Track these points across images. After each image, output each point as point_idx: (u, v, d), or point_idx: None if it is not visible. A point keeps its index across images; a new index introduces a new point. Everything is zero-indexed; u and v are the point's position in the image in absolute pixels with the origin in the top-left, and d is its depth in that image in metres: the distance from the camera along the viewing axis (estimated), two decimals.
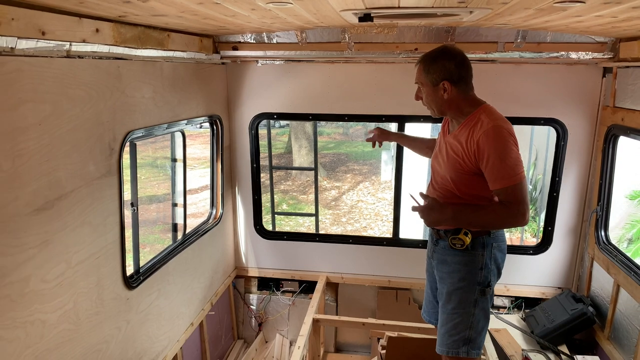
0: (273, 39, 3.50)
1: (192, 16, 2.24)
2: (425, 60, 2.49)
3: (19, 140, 1.77)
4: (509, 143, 2.34)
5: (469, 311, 2.59)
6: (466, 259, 2.58)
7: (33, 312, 1.91)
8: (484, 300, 2.60)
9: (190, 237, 3.50)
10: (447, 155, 2.56)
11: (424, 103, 2.58)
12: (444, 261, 2.67)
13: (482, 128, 2.36)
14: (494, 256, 2.59)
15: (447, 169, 2.56)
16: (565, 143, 3.67)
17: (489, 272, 2.59)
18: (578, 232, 3.83)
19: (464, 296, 2.58)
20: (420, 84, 2.53)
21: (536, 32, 3.22)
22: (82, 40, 2.02)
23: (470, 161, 2.42)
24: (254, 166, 4.16)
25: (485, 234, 2.56)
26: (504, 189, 2.34)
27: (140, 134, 2.69)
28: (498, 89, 3.65)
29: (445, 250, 2.64)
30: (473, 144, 2.38)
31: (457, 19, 2.46)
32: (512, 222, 2.44)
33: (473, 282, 2.57)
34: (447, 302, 2.64)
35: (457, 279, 2.60)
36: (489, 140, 2.33)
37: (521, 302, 4.02)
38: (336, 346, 4.36)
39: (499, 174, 2.33)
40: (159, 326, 3.01)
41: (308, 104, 3.93)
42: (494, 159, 2.32)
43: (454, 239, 2.54)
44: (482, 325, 2.62)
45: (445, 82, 2.42)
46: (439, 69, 2.43)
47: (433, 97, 2.50)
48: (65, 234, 2.07)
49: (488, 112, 2.44)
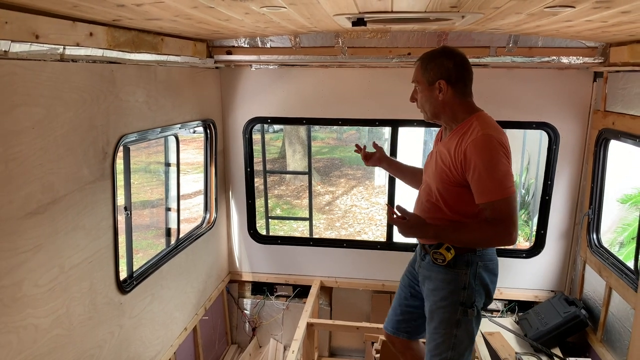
0: (267, 44, 3.51)
1: (186, 20, 2.25)
2: (424, 58, 2.40)
3: (12, 144, 1.77)
4: (498, 154, 2.20)
5: (451, 331, 2.46)
6: (449, 277, 2.44)
7: (26, 317, 1.89)
8: (467, 321, 2.44)
9: (184, 241, 3.49)
10: (436, 165, 2.45)
11: (418, 105, 2.48)
12: (428, 277, 2.55)
13: (471, 136, 2.24)
14: (479, 275, 2.42)
15: (434, 180, 2.44)
16: (557, 147, 3.70)
17: (472, 292, 2.43)
18: (570, 235, 3.86)
19: (446, 316, 2.46)
20: (417, 83, 2.43)
21: (528, 37, 3.25)
22: (76, 44, 2.02)
23: (457, 171, 2.29)
24: (247, 170, 4.16)
25: (470, 251, 2.41)
26: (491, 204, 2.21)
27: (133, 138, 2.68)
28: (490, 93, 3.67)
29: (430, 265, 2.52)
30: (460, 152, 2.25)
31: (450, 23, 2.48)
32: (498, 242, 2.31)
33: (455, 301, 2.43)
34: (430, 320, 2.54)
35: (439, 297, 2.48)
36: (477, 150, 2.20)
37: (514, 305, 4.04)
38: (330, 350, 4.36)
39: (485, 187, 2.21)
40: (153, 331, 3.00)
41: (302, 108, 3.94)
42: (481, 170, 2.19)
43: (435, 253, 2.42)
44: (465, 346, 2.48)
45: (441, 81, 2.31)
46: (437, 67, 2.33)
47: (428, 97, 2.38)
48: (58, 238, 2.07)
49: (481, 120, 2.32)
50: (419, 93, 2.44)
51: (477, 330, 2.51)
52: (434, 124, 2.76)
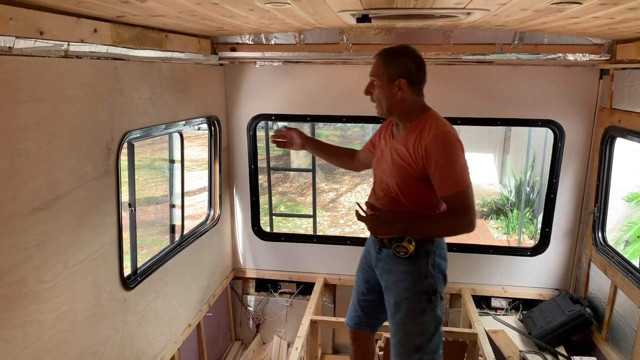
0: (271, 40, 3.50)
1: (191, 17, 2.24)
2: (386, 54, 2.45)
3: (17, 140, 1.77)
4: (456, 149, 2.35)
5: (418, 320, 2.55)
6: (411, 268, 2.54)
7: (30, 313, 1.90)
8: (432, 307, 2.56)
9: (188, 238, 3.50)
10: (392, 161, 2.52)
11: (374, 99, 2.52)
12: (388, 270, 2.63)
13: (430, 134, 2.35)
14: (437, 264, 2.56)
15: (392, 175, 2.52)
16: (562, 145, 3.68)
17: (434, 280, 2.56)
18: (575, 233, 3.84)
19: (412, 306, 2.55)
20: (376, 78, 2.47)
21: (533, 34, 3.23)
22: (80, 40, 2.02)
23: (418, 167, 2.40)
24: (251, 167, 4.16)
25: (429, 241, 2.53)
26: (452, 196, 2.34)
27: (138, 134, 2.69)
28: (495, 90, 3.66)
29: (390, 258, 2.60)
30: (421, 149, 2.36)
31: (455, 20, 2.46)
32: (461, 230, 2.40)
33: (419, 291, 2.54)
34: (396, 312, 2.61)
35: (403, 289, 2.56)
36: (437, 146, 2.32)
37: (519, 303, 4.02)
38: (334, 347, 4.36)
39: (447, 180, 2.33)
40: (157, 327, 3.01)
41: (306, 105, 3.93)
42: (443, 164, 2.32)
43: (398, 246, 2.50)
44: (434, 329, 2.58)
45: (402, 79, 2.40)
46: (399, 66, 2.41)
47: (386, 93, 2.44)
48: (62, 235, 2.07)
49: (435, 118, 2.46)
50: (376, 88, 2.48)
51: (441, 312, 2.63)
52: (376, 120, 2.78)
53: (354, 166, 3.17)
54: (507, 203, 10.50)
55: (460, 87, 3.69)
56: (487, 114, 3.73)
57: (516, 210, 9.98)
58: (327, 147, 3.24)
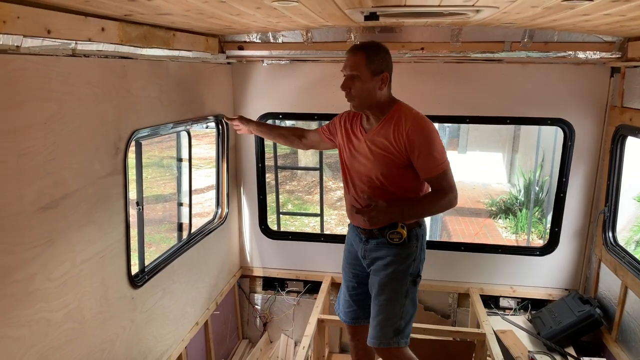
0: (278, 39, 3.49)
1: (198, 15, 2.24)
2: (368, 49, 2.50)
3: (24, 139, 1.78)
4: (434, 132, 2.51)
5: (401, 301, 2.67)
6: (401, 251, 2.66)
7: (38, 311, 1.91)
8: (414, 290, 2.71)
9: (196, 236, 3.50)
10: (371, 153, 2.61)
11: (352, 94, 2.53)
12: (378, 257, 2.73)
13: (407, 122, 2.49)
14: (423, 247, 2.74)
15: (374, 167, 2.61)
16: (572, 143, 3.64)
17: (420, 262, 2.72)
18: (585, 233, 3.80)
19: (397, 287, 2.67)
20: (357, 73, 2.48)
21: (543, 32, 3.19)
22: (88, 39, 2.02)
23: (401, 155, 2.51)
24: (259, 166, 4.15)
25: (417, 225, 2.69)
26: (436, 177, 2.50)
27: (145, 133, 2.69)
28: (504, 88, 3.63)
29: (379, 246, 2.71)
30: (401, 138, 2.48)
31: (464, 17, 2.44)
32: (448, 207, 2.56)
33: (406, 273, 2.67)
34: (380, 293, 2.71)
35: (392, 270, 2.67)
36: (418, 132, 2.47)
37: (527, 303, 3.99)
38: (341, 347, 4.35)
39: (432, 163, 2.48)
40: (164, 325, 3.01)
41: (313, 103, 3.92)
42: (425, 149, 2.47)
43: (392, 233, 2.61)
44: (411, 313, 2.72)
45: (385, 73, 2.51)
46: (382, 60, 2.50)
47: (368, 87, 2.50)
48: (70, 233, 2.08)
49: (406, 107, 2.59)
50: (356, 83, 2.51)
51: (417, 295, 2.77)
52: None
53: (300, 145, 3.27)
54: (515, 202, 10.42)
55: (468, 86, 3.66)
56: (496, 113, 3.70)
57: (525, 209, 9.91)
58: (271, 128, 3.46)
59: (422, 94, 3.68)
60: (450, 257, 4.05)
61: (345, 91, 2.54)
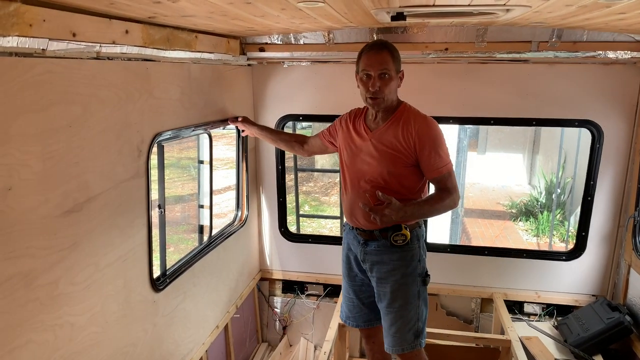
0: (300, 40, 3.46)
1: (221, 17, 2.21)
2: (389, 47, 2.47)
3: (50, 142, 1.77)
4: (441, 133, 2.54)
5: (415, 304, 2.67)
6: (405, 254, 2.63)
7: (62, 315, 1.90)
8: (424, 290, 2.71)
9: (216, 239, 3.49)
10: (377, 151, 2.58)
11: (382, 94, 2.48)
12: (380, 262, 2.68)
13: (417, 121, 2.50)
14: (424, 246, 2.73)
15: (380, 166, 2.58)
16: (600, 146, 3.54)
17: (424, 262, 2.71)
18: (614, 238, 3.69)
19: (408, 291, 2.65)
20: (387, 71, 2.44)
21: (572, 31, 3.11)
22: (112, 41, 2.01)
23: (409, 154, 2.51)
24: (279, 168, 4.12)
25: (417, 226, 2.68)
26: (443, 176, 2.52)
27: (167, 135, 2.67)
28: (530, 89, 3.54)
29: (380, 250, 2.66)
30: (412, 136, 2.49)
31: (492, 17, 2.37)
32: (451, 207, 2.58)
33: (414, 275, 2.65)
34: (393, 300, 2.67)
35: (400, 275, 2.64)
36: (427, 132, 2.48)
37: (553, 309, 3.89)
38: (361, 351, 4.29)
39: (439, 163, 2.50)
40: (185, 329, 3.00)
41: (334, 105, 3.87)
42: (435, 148, 2.48)
43: (396, 235, 2.58)
44: (425, 313, 2.73)
45: (402, 71, 2.52)
46: (399, 59, 2.50)
47: (394, 86, 2.51)
48: (94, 236, 2.06)
49: (412, 108, 2.60)
50: (386, 81, 2.47)
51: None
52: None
53: (302, 152, 3.27)
54: (536, 204, 10.25)
55: (493, 87, 3.59)
56: (521, 114, 3.62)
57: (546, 212, 9.73)
58: (273, 132, 3.45)
59: (446, 95, 3.62)
60: (473, 261, 3.97)
61: (375, 90, 2.46)
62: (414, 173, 2.58)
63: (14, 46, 1.55)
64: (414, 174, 2.58)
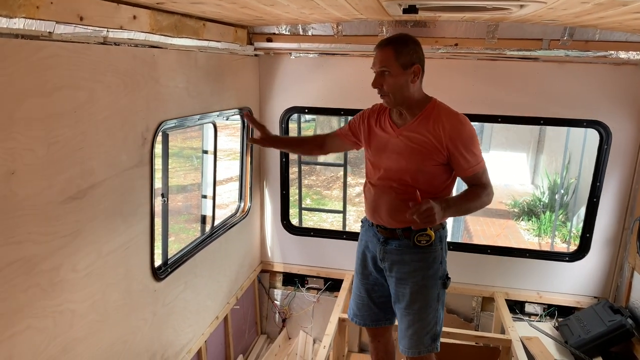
0: (308, 31, 3.42)
1: (231, 4, 2.18)
2: (396, 42, 2.37)
3: (54, 127, 1.74)
4: (474, 130, 2.46)
5: (435, 307, 2.61)
6: (427, 255, 2.56)
7: (62, 302, 1.88)
8: (444, 293, 2.65)
9: (218, 229, 3.47)
10: (407, 149, 2.49)
11: (384, 90, 2.41)
12: (399, 261, 2.61)
13: (449, 119, 2.41)
14: (445, 247, 2.64)
15: (409, 164, 2.48)
16: (608, 147, 3.51)
17: (445, 264, 2.64)
18: (618, 240, 3.67)
19: (428, 293, 2.59)
20: (387, 68, 2.36)
21: (584, 30, 3.07)
22: (119, 27, 1.98)
23: (439, 152, 2.43)
24: (283, 160, 4.10)
25: (441, 227, 2.61)
26: (478, 174, 2.45)
27: (172, 124, 2.65)
28: (539, 88, 3.50)
29: (401, 249, 2.59)
30: (444, 134, 2.39)
31: (505, 13, 2.34)
32: (487, 203, 2.51)
33: (435, 277, 2.59)
34: (413, 302, 2.60)
35: (421, 277, 2.57)
36: (461, 129, 2.40)
37: (554, 310, 3.87)
38: (360, 346, 4.29)
39: (474, 160, 2.43)
40: (185, 319, 2.99)
41: (340, 98, 3.85)
42: (469, 146, 2.41)
43: (421, 235, 2.49)
44: (442, 316, 2.68)
45: (416, 65, 2.38)
46: (411, 52, 2.37)
47: (400, 82, 2.38)
48: (96, 224, 2.05)
49: (443, 104, 2.51)
50: (387, 79, 2.38)
51: None
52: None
53: (319, 152, 3.14)
54: (539, 204, 10.22)
55: (501, 84, 3.55)
56: (529, 113, 3.58)
57: (549, 212, 9.70)
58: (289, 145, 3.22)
59: (453, 91, 3.58)
60: (475, 259, 3.95)
61: (377, 88, 2.42)
62: (443, 171, 2.50)
63: (20, 28, 1.52)
64: (443, 172, 2.50)
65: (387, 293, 2.79)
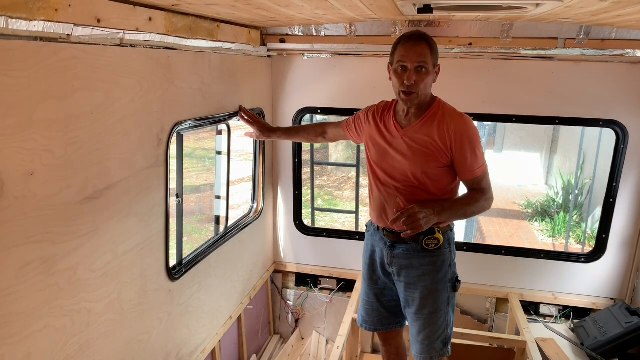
0: (321, 32, 3.43)
1: (245, 6, 2.19)
2: (428, 39, 2.31)
3: (72, 128, 1.76)
4: (478, 132, 2.44)
5: (445, 311, 2.59)
6: (436, 258, 2.53)
7: (80, 301, 1.90)
8: (454, 296, 2.63)
9: (232, 230, 3.48)
10: (411, 151, 2.44)
11: (419, 88, 2.30)
12: (409, 266, 2.56)
13: (454, 120, 2.37)
14: (454, 250, 2.63)
15: (412, 165, 2.44)
16: (625, 147, 3.46)
17: (455, 267, 2.61)
18: (635, 241, 3.62)
19: (439, 297, 2.56)
20: (425, 64, 2.27)
21: (600, 28, 3.03)
22: (136, 29, 2.00)
23: (444, 153, 2.39)
24: (296, 161, 4.10)
25: (449, 229, 2.58)
26: (479, 177, 2.42)
27: (187, 125, 2.66)
28: (554, 87, 3.47)
29: (409, 253, 2.54)
30: (448, 135, 2.36)
31: (521, 12, 2.32)
32: (486, 208, 2.48)
33: (445, 281, 2.56)
34: (423, 307, 2.57)
35: (430, 281, 2.54)
36: (466, 131, 2.36)
37: (569, 311, 3.83)
38: (373, 347, 4.28)
39: (476, 163, 2.39)
40: (199, 319, 3.00)
41: (353, 99, 3.84)
42: (473, 148, 2.37)
43: (429, 239, 2.45)
44: (453, 319, 2.66)
45: (439, 66, 2.38)
46: (437, 52, 2.36)
47: (430, 80, 2.36)
48: (112, 224, 2.06)
49: (447, 105, 2.46)
50: (423, 75, 2.31)
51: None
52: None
53: (320, 141, 3.23)
54: (553, 205, 10.11)
55: (516, 84, 3.52)
56: (544, 113, 3.55)
57: (563, 212, 9.60)
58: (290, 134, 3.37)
59: (467, 91, 3.56)
60: (490, 260, 3.92)
61: (410, 84, 2.28)
62: (448, 174, 2.46)
63: (39, 30, 1.54)
64: (448, 175, 2.47)
65: (396, 297, 2.77)
